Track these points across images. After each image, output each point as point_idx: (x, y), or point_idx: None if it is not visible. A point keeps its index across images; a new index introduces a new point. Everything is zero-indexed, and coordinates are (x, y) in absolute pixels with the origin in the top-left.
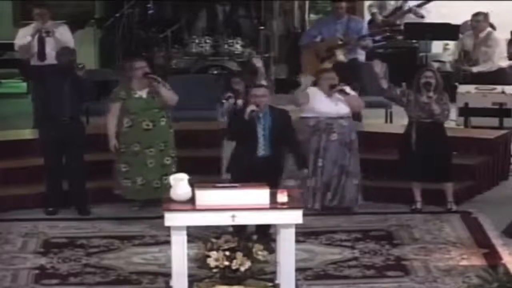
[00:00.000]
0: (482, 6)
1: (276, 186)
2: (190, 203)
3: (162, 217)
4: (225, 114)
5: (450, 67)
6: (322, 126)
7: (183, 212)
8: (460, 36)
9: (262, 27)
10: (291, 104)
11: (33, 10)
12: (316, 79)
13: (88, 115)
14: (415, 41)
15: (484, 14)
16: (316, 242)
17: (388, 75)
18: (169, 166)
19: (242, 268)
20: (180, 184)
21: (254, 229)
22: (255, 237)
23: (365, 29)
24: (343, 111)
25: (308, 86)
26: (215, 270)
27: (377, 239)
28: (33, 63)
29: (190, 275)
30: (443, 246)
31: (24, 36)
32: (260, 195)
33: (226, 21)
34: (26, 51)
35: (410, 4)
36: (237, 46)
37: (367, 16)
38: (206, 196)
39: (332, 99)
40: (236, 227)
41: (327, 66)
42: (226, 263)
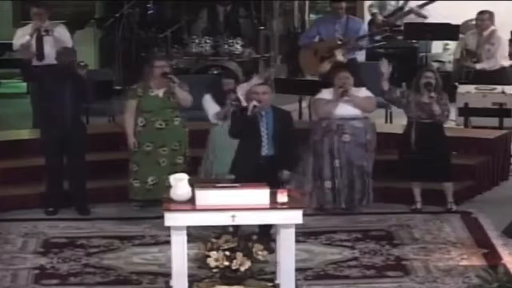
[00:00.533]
0: (482, 6)
1: (279, 186)
2: (190, 203)
3: (162, 217)
4: (221, 115)
5: (452, 66)
6: (334, 128)
7: (183, 212)
8: (460, 36)
9: (262, 27)
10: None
11: (31, 10)
12: (330, 77)
13: (88, 115)
14: (415, 41)
15: (489, 13)
16: (316, 242)
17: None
18: (180, 165)
19: (242, 268)
20: (180, 184)
21: (257, 229)
22: (255, 237)
23: (363, 29)
24: (355, 112)
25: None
26: (215, 270)
27: (377, 239)
28: (33, 63)
29: (190, 275)
30: (443, 246)
31: (23, 36)
32: (260, 195)
33: (226, 21)
34: (26, 50)
35: (411, 4)
36: (237, 46)
37: (367, 16)
38: (206, 196)
39: (343, 100)
40: (232, 227)
41: (341, 61)
42: (226, 263)
